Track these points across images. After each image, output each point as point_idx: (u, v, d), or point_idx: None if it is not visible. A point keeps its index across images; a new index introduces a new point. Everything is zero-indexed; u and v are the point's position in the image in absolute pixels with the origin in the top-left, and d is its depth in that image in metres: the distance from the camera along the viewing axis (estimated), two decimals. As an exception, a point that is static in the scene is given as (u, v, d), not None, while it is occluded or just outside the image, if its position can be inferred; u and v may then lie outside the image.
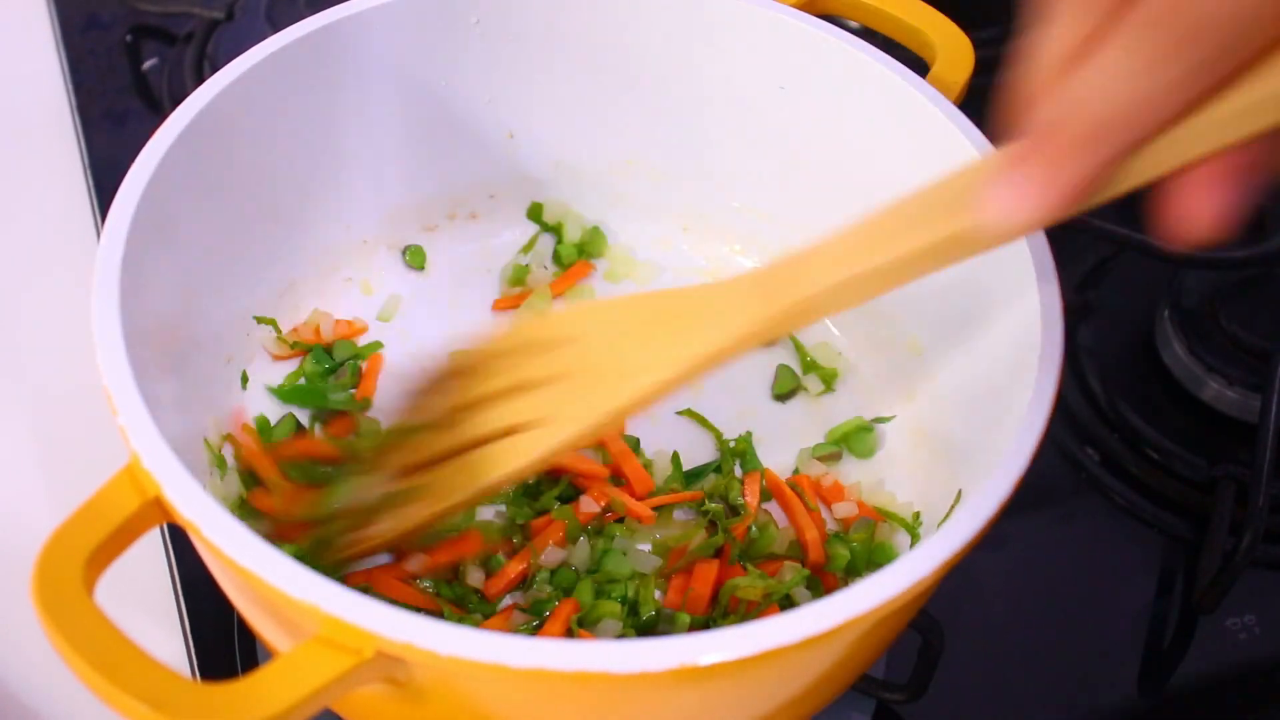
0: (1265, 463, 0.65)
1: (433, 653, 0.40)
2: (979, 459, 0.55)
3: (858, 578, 0.60)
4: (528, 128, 0.70)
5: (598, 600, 0.58)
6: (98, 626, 0.41)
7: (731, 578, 0.58)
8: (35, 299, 0.78)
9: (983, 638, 0.64)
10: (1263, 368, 0.69)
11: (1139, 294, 0.77)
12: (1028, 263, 0.53)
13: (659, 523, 0.61)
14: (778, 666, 0.45)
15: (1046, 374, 0.49)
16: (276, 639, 0.49)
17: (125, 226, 0.52)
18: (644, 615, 0.57)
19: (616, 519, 0.61)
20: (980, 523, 0.45)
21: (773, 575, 0.59)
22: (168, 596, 0.64)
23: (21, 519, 0.67)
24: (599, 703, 0.45)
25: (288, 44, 0.60)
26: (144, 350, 0.51)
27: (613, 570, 0.59)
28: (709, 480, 0.63)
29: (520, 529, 0.60)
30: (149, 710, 0.39)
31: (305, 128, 0.63)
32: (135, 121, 0.86)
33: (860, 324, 0.68)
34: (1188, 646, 0.65)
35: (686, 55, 0.66)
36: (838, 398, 0.68)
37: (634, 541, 0.60)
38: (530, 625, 0.57)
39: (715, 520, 0.61)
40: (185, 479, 0.44)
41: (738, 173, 0.70)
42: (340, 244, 0.69)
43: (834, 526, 0.62)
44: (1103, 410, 0.73)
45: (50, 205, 0.83)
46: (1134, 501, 0.70)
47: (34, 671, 0.62)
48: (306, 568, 0.42)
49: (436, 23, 0.64)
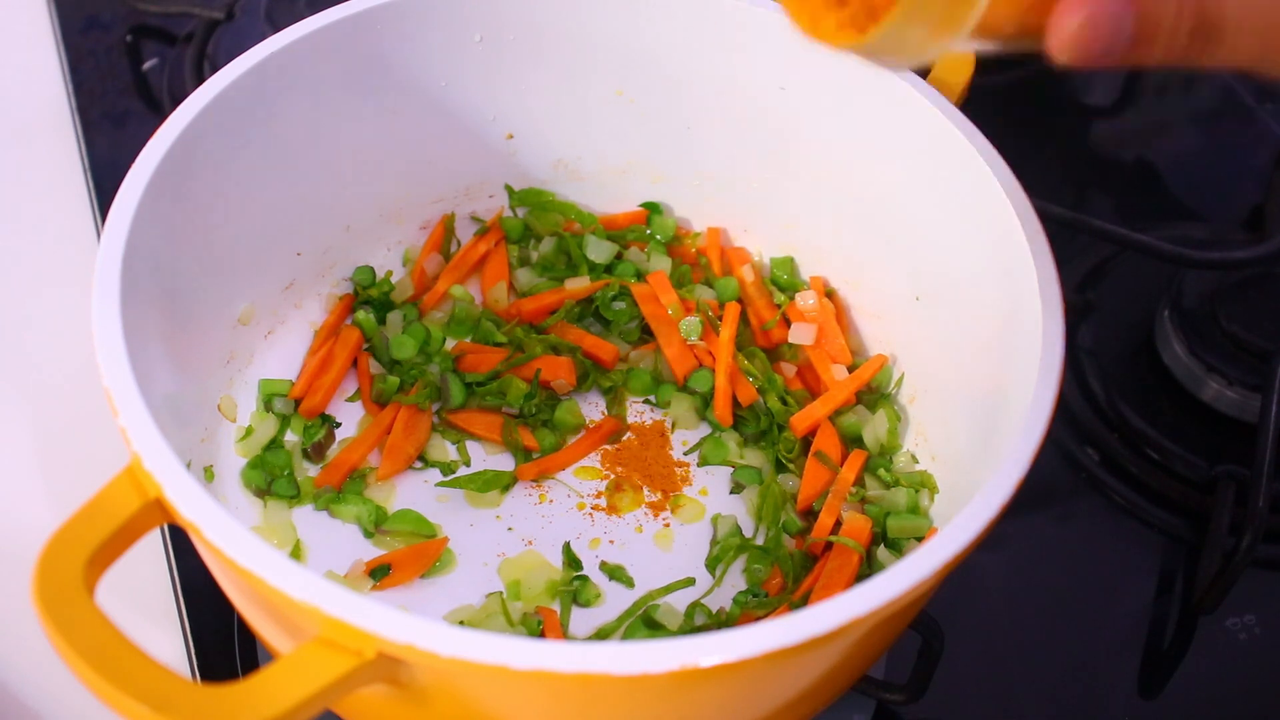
0: (1265, 463, 0.65)
1: (434, 654, 0.40)
2: (980, 460, 0.55)
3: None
4: (528, 128, 0.70)
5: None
6: (98, 627, 0.41)
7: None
8: (35, 299, 0.78)
9: (983, 638, 0.64)
10: (1263, 368, 0.69)
11: (1139, 294, 0.77)
12: (1028, 263, 0.53)
13: None
14: (778, 668, 0.45)
15: (1047, 374, 0.49)
16: (277, 640, 0.49)
17: (125, 226, 0.52)
18: None
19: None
20: (981, 524, 0.45)
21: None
22: (168, 597, 0.64)
23: (22, 520, 0.67)
24: (600, 704, 0.45)
25: (288, 44, 0.60)
26: (144, 350, 0.51)
27: None
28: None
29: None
30: (149, 711, 0.39)
31: (305, 127, 0.63)
32: (135, 121, 0.86)
33: (862, 325, 0.69)
34: (1188, 646, 0.65)
35: (686, 56, 0.66)
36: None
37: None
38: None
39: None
40: (186, 480, 0.44)
41: (737, 173, 0.70)
42: (340, 244, 0.69)
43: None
44: (1103, 410, 0.73)
45: (50, 205, 0.83)
46: (1134, 501, 0.70)
47: (34, 672, 0.62)
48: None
49: (437, 23, 0.64)
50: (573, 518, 0.64)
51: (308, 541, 0.62)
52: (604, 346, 0.69)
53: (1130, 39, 0.37)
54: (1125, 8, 0.37)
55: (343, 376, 0.67)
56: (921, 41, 0.39)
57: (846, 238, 0.67)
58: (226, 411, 0.64)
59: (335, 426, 0.66)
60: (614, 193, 0.73)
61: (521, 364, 0.67)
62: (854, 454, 0.64)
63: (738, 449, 0.66)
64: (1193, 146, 0.90)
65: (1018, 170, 0.56)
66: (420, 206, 0.72)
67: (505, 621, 0.59)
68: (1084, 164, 0.89)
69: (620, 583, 0.61)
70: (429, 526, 0.62)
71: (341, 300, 0.70)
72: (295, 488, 0.63)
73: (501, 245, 0.72)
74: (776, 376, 0.67)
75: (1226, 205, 0.86)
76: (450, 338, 0.70)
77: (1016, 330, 0.53)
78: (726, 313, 0.68)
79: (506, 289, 0.71)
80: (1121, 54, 0.38)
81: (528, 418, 0.67)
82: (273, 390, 0.65)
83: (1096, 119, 0.90)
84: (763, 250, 0.72)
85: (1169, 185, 0.87)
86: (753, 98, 0.66)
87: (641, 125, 0.70)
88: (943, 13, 0.38)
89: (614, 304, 0.70)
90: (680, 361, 0.68)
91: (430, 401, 0.66)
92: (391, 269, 0.72)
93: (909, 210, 0.62)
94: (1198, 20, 0.37)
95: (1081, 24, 0.37)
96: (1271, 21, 0.38)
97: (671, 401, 0.68)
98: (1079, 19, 0.37)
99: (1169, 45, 0.38)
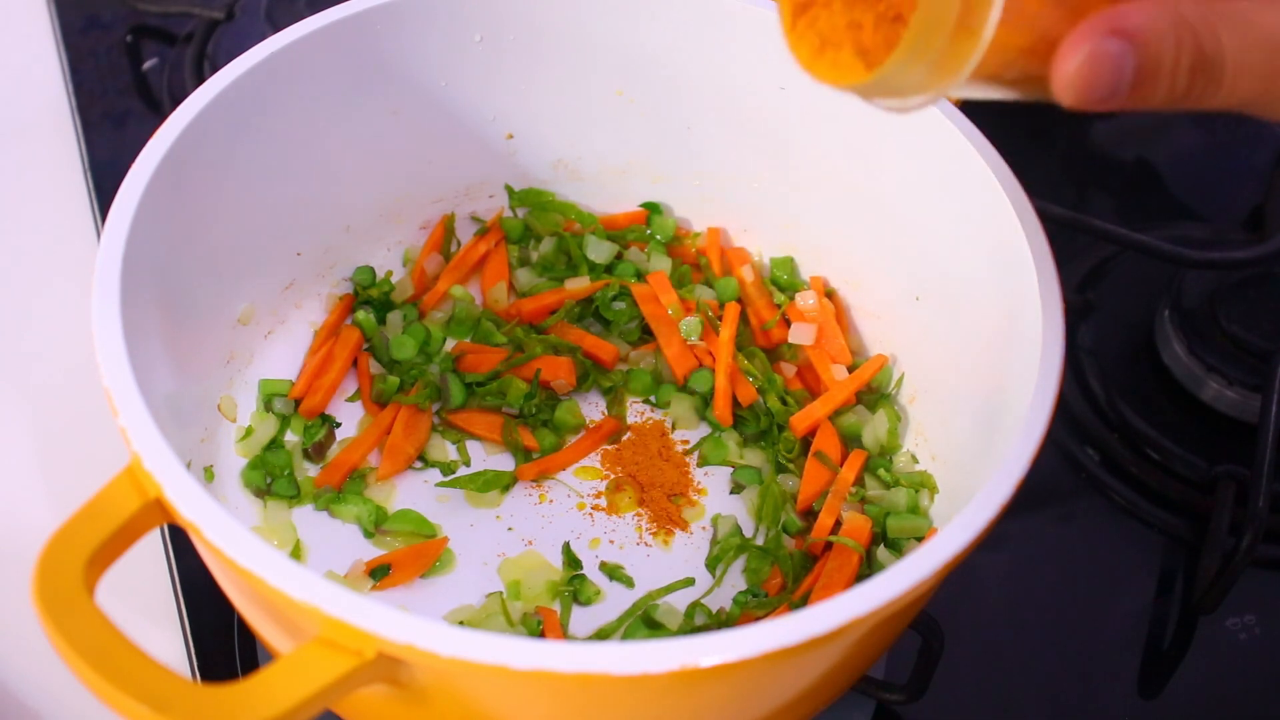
0: (1265, 463, 0.65)
1: (434, 654, 0.40)
2: (980, 460, 0.55)
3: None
4: (528, 128, 0.70)
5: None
6: (98, 627, 0.41)
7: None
8: (35, 299, 0.78)
9: (983, 638, 0.64)
10: (1263, 368, 0.69)
11: (1139, 294, 0.77)
12: (1028, 263, 0.53)
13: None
14: (778, 668, 0.45)
15: (1047, 374, 0.49)
16: (277, 640, 0.49)
17: (125, 226, 0.52)
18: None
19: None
20: (981, 524, 0.45)
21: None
22: (168, 597, 0.64)
23: (22, 520, 0.67)
24: (600, 704, 0.45)
25: (288, 44, 0.60)
26: (144, 350, 0.51)
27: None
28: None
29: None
30: (149, 712, 0.39)
31: (305, 127, 0.63)
32: (135, 122, 0.86)
33: (862, 325, 0.69)
34: (1188, 646, 0.65)
35: (686, 56, 0.66)
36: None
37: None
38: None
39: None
40: (186, 480, 0.44)
41: (737, 173, 0.70)
42: (340, 244, 0.69)
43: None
44: (1103, 410, 0.73)
45: (50, 205, 0.83)
46: (1134, 501, 0.70)
47: (34, 672, 0.62)
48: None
49: (437, 23, 0.64)
50: (572, 518, 0.64)
51: (308, 541, 0.62)
52: (604, 346, 0.69)
53: (1132, 77, 0.38)
54: (1125, 45, 0.38)
55: (343, 376, 0.67)
56: (923, 82, 0.39)
57: (846, 238, 0.67)
58: (226, 411, 0.64)
59: (335, 426, 0.66)
60: (614, 193, 0.73)
61: (521, 364, 0.67)
62: (854, 454, 0.64)
63: (738, 449, 0.66)
64: (1193, 146, 0.90)
65: (1018, 170, 0.56)
66: (420, 206, 0.72)
67: (505, 621, 0.59)
68: (1084, 164, 0.89)
69: (620, 583, 0.61)
70: (429, 526, 0.62)
71: (341, 300, 0.70)
72: (295, 488, 0.63)
73: (501, 245, 0.72)
74: (776, 376, 0.67)
75: (1226, 205, 0.86)
76: (450, 338, 0.70)
77: (1016, 330, 0.53)
78: (726, 313, 0.69)
79: (506, 289, 0.71)
80: (1126, 92, 0.38)
81: (528, 418, 0.67)
82: (273, 390, 0.65)
83: (1096, 119, 0.90)
84: (763, 250, 0.72)
85: (1169, 185, 0.87)
86: (753, 98, 0.66)
87: (641, 125, 0.70)
88: (945, 51, 0.38)
89: (614, 304, 0.70)
90: (680, 361, 0.68)
91: (430, 401, 0.67)
92: (391, 269, 0.72)
93: (909, 210, 0.62)
94: (1197, 57, 0.38)
95: (1082, 63, 0.38)
96: (1270, 61, 0.39)
97: (671, 401, 0.68)
98: (1080, 57, 0.38)
99: (1170, 85, 0.38)
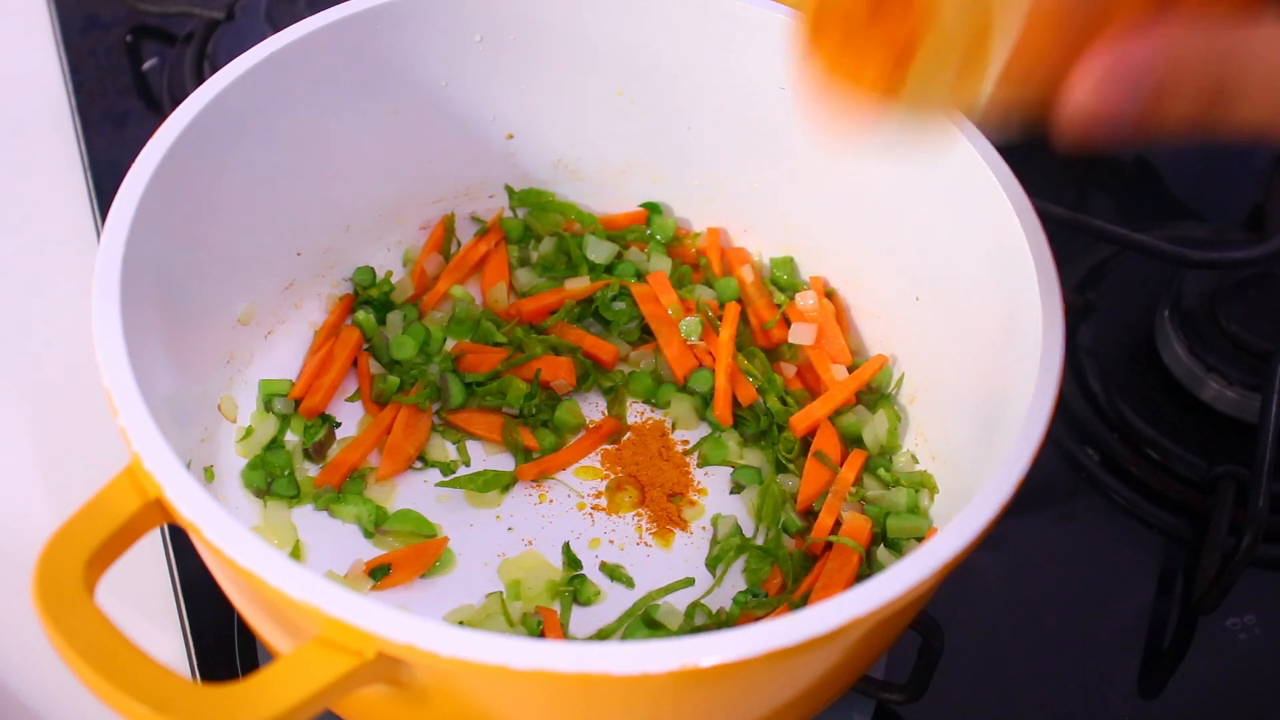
0: (1265, 463, 0.65)
1: (434, 654, 0.40)
2: (980, 460, 0.55)
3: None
4: (528, 128, 0.70)
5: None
6: (98, 627, 0.41)
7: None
8: (35, 299, 0.78)
9: (983, 638, 0.64)
10: (1263, 368, 0.69)
11: (1139, 294, 0.77)
12: (1028, 263, 0.53)
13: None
14: (778, 668, 0.45)
15: (1047, 374, 0.49)
16: (277, 640, 0.49)
17: (125, 226, 0.52)
18: None
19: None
20: (981, 524, 0.45)
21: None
22: (168, 597, 0.64)
23: (22, 519, 0.67)
24: (600, 704, 0.45)
25: (288, 44, 0.60)
26: (144, 350, 0.51)
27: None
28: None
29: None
30: (149, 712, 0.39)
31: (305, 128, 0.63)
32: (135, 121, 0.86)
33: (862, 325, 0.69)
34: (1188, 646, 0.65)
35: (686, 56, 0.66)
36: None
37: None
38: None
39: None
40: (186, 480, 0.44)
41: (737, 173, 0.70)
42: (340, 244, 0.69)
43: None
44: (1103, 410, 0.73)
45: (50, 205, 0.83)
46: (1134, 501, 0.70)
47: (34, 672, 0.62)
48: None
49: (437, 23, 0.64)
50: (572, 518, 0.64)
51: (308, 541, 0.62)
52: (604, 347, 0.69)
53: (1156, 86, 0.37)
54: (1132, 75, 0.37)
55: (343, 376, 0.67)
56: (944, 98, 0.39)
57: (846, 238, 0.67)
58: (226, 411, 0.64)
59: (335, 426, 0.66)
60: (614, 193, 0.73)
61: (521, 364, 0.67)
62: (854, 454, 0.64)
63: (738, 449, 0.66)
64: (1193, 147, 0.90)
65: (1018, 170, 0.56)
66: (420, 206, 0.72)
67: (505, 621, 0.59)
68: (1084, 164, 0.89)
69: (620, 583, 0.61)
70: (429, 526, 0.62)
71: (341, 300, 0.70)
72: (295, 488, 0.63)
73: (501, 245, 0.72)
74: (776, 376, 0.67)
75: (1226, 205, 0.86)
76: (450, 338, 0.70)
77: (1016, 330, 0.53)
78: (726, 313, 0.69)
79: (506, 289, 0.71)
80: (1147, 103, 0.37)
81: (528, 418, 0.67)
82: (273, 390, 0.65)
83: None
84: (763, 250, 0.72)
85: (1169, 185, 0.87)
86: (753, 98, 0.66)
87: (641, 125, 0.70)
88: (963, 60, 0.38)
89: (614, 304, 0.70)
90: (680, 362, 0.68)
91: (430, 401, 0.67)
92: (391, 269, 0.72)
93: (909, 210, 0.62)
94: (1222, 66, 0.37)
95: (1090, 92, 0.37)
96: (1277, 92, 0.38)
97: (671, 402, 0.68)
98: (1089, 85, 0.37)
99: (1177, 116, 0.38)
